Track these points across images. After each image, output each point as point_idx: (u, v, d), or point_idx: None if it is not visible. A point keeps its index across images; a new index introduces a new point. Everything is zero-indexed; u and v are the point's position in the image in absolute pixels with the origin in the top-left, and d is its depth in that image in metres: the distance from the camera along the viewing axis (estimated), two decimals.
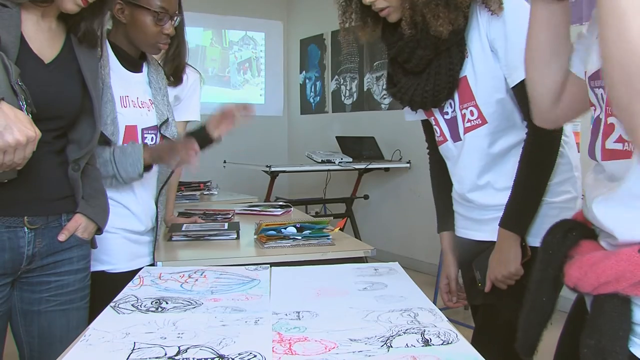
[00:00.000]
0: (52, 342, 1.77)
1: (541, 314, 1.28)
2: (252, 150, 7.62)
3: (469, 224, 1.98)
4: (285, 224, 2.50)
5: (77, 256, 1.81)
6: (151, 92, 2.25)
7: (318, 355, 1.20)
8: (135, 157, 2.03)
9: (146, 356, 1.20)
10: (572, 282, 1.15)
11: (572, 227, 1.25)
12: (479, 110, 1.81)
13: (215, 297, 1.62)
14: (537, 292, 1.27)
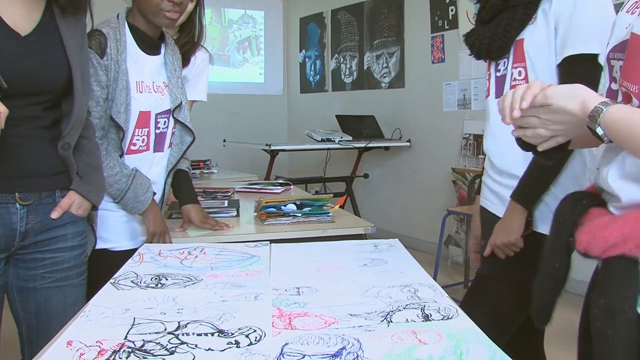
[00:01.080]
0: (49, 319, 1.77)
1: (555, 281, 1.32)
2: (251, 129, 7.61)
3: (492, 196, 2.01)
4: (285, 201, 2.49)
5: (71, 233, 1.80)
6: (166, 75, 2.24)
7: (318, 330, 1.20)
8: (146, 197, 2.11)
9: (146, 331, 1.20)
10: (582, 247, 1.20)
11: (582, 197, 1.30)
12: (526, 72, 1.86)
13: (215, 274, 1.62)
14: (550, 260, 1.32)
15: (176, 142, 2.30)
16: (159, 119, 2.19)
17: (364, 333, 1.18)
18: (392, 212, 6.48)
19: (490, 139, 1.99)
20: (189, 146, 2.33)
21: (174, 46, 2.32)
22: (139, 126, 2.12)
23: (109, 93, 2.01)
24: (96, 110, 1.99)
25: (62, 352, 1.11)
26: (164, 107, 2.20)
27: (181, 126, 2.29)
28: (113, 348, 1.12)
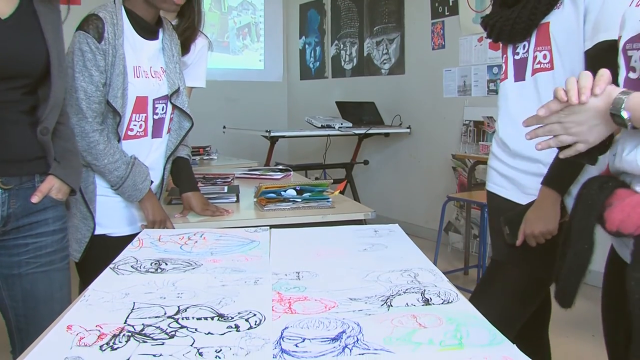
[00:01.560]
0: (36, 305, 1.78)
1: (583, 261, 1.35)
2: (251, 115, 7.59)
3: (504, 181, 2.01)
4: (285, 187, 2.49)
5: (52, 217, 1.81)
6: (164, 60, 2.23)
7: (318, 314, 1.20)
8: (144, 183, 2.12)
9: (146, 315, 1.20)
10: (614, 225, 1.26)
11: (607, 179, 1.33)
12: (552, 55, 1.85)
13: (214, 258, 1.61)
14: (579, 241, 1.34)
15: (174, 128, 2.30)
16: (157, 104, 2.18)
17: (364, 317, 1.18)
18: (392, 199, 6.48)
19: (507, 121, 1.97)
20: (188, 132, 2.33)
21: (172, 32, 2.31)
22: (136, 111, 2.12)
23: (107, 78, 2.01)
24: (96, 95, 1.99)
25: (61, 336, 1.11)
26: (161, 93, 2.19)
27: (179, 112, 2.29)
28: (113, 332, 1.12)
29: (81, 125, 1.99)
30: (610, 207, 1.28)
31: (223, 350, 1.03)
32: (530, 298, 1.97)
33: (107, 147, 2.02)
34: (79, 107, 1.98)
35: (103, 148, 2.01)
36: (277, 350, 1.03)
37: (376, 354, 1.02)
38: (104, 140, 2.01)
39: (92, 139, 2.00)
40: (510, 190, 1.97)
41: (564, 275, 1.39)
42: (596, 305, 1.45)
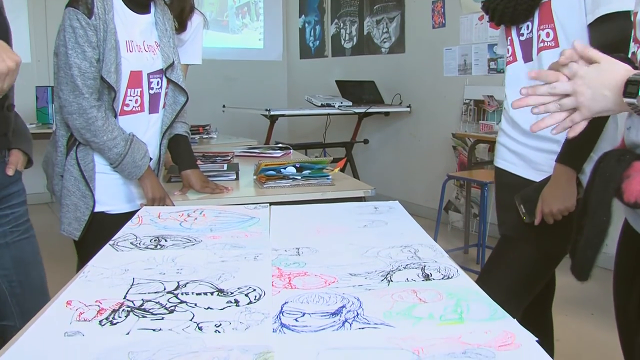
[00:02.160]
0: (27, 269, 1.87)
1: (600, 233, 1.35)
2: (251, 95, 7.57)
3: (514, 158, 2.00)
4: (284, 164, 2.48)
5: (20, 189, 1.92)
6: (157, 34, 2.22)
7: (318, 289, 1.19)
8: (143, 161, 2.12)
9: (145, 291, 1.20)
10: (633, 197, 1.26)
11: (624, 152, 1.33)
12: (555, 32, 1.84)
13: (214, 235, 1.61)
14: (597, 213, 1.34)
15: (169, 103, 2.29)
16: (152, 79, 2.17)
17: (364, 292, 1.18)
18: (392, 178, 6.47)
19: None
20: (183, 106, 2.32)
21: (164, 6, 2.29)
22: (131, 86, 2.11)
23: (99, 53, 2.00)
24: (90, 72, 1.98)
25: (61, 311, 1.10)
26: (155, 67, 2.18)
27: (174, 86, 2.28)
28: (112, 307, 1.12)
29: (78, 102, 1.98)
30: (628, 179, 1.27)
31: (223, 325, 1.03)
32: (540, 273, 1.97)
33: (105, 124, 2.01)
34: (75, 84, 1.97)
35: (102, 124, 2.00)
36: (277, 324, 1.03)
37: (376, 328, 1.02)
38: (102, 117, 2.00)
39: (90, 115, 1.98)
40: (520, 166, 1.97)
41: (581, 248, 1.39)
42: (596, 285, 1.45)
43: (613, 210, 1.34)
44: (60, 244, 2.32)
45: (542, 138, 1.88)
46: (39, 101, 5.59)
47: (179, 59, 2.30)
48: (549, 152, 1.87)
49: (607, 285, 1.64)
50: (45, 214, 6.13)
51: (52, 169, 2.12)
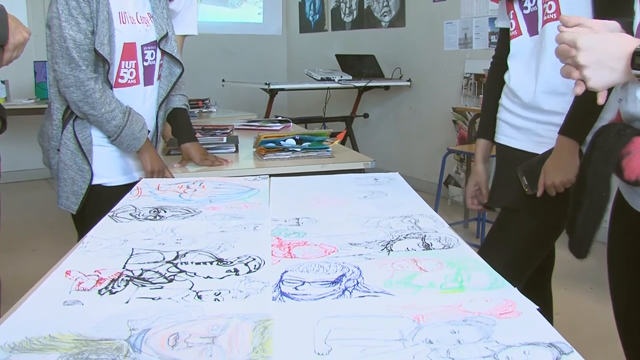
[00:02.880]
0: None
1: (599, 210, 1.33)
2: (250, 69, 7.54)
3: (514, 132, 1.99)
4: (284, 136, 2.47)
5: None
6: (150, 5, 2.20)
7: (318, 259, 1.19)
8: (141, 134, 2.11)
9: (144, 261, 1.20)
10: (634, 174, 1.23)
11: (624, 127, 1.30)
12: (558, 5, 1.81)
13: (213, 206, 1.60)
14: (596, 189, 1.32)
15: (165, 75, 2.27)
16: (146, 50, 2.16)
17: (364, 261, 1.18)
18: (392, 152, 6.46)
19: (523, 74, 1.94)
20: (179, 78, 2.30)
21: None
22: (124, 58, 2.09)
23: (93, 25, 1.98)
24: (85, 44, 1.96)
25: (60, 281, 1.10)
26: (149, 39, 2.17)
27: (169, 58, 2.26)
28: (111, 277, 1.12)
29: (75, 75, 1.96)
30: (628, 156, 1.25)
31: (222, 293, 1.03)
32: (542, 245, 1.97)
33: (103, 96, 1.99)
34: (71, 57, 1.95)
35: (99, 96, 1.98)
36: (276, 293, 1.03)
37: (376, 296, 1.01)
38: (100, 89, 1.99)
39: (88, 87, 1.97)
40: (522, 140, 1.95)
41: (580, 225, 1.37)
42: (594, 259, 1.45)
43: (612, 186, 1.33)
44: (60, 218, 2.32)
45: (544, 111, 1.86)
46: (37, 76, 5.57)
47: (173, 31, 2.28)
48: (551, 125, 1.85)
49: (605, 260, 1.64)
50: (45, 190, 6.14)
51: (48, 142, 2.11)
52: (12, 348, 0.85)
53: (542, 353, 0.82)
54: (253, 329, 0.90)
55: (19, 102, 5.42)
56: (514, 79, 1.97)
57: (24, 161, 6.19)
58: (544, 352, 0.82)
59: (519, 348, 0.83)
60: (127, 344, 0.86)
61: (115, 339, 0.87)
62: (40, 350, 0.84)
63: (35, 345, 0.86)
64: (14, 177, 6.30)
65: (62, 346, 0.85)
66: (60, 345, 0.86)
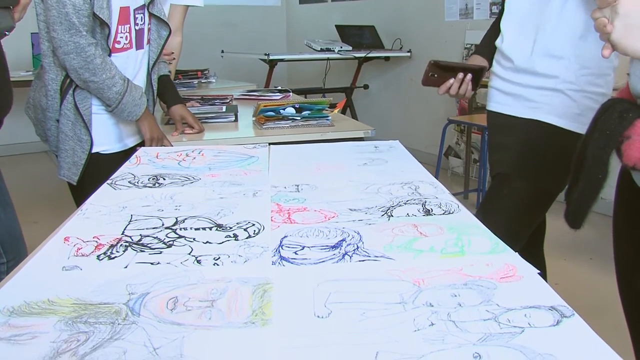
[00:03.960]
0: (5, 207, 1.94)
1: (595, 188, 1.32)
2: (250, 40, 7.49)
3: (508, 99, 1.98)
4: (284, 105, 2.46)
5: None
6: None
7: (317, 224, 1.18)
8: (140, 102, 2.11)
9: (143, 227, 1.19)
10: (632, 161, 1.22)
11: (627, 108, 1.27)
12: None
13: (213, 173, 1.60)
14: (593, 170, 1.31)
15: (154, 38, 2.28)
16: (137, 14, 2.16)
17: (364, 226, 1.17)
18: (392, 123, 6.44)
19: (513, 32, 1.92)
20: (166, 40, 2.31)
21: None
22: (121, 23, 2.09)
23: None
24: (84, 9, 1.94)
25: (59, 247, 1.10)
26: (139, 3, 2.16)
27: (156, 20, 2.27)
28: (110, 243, 1.11)
29: (75, 41, 1.94)
30: (628, 141, 1.23)
31: (221, 258, 1.03)
32: (537, 209, 1.97)
33: (103, 62, 1.98)
34: (71, 22, 1.93)
35: (100, 62, 1.97)
36: (276, 257, 1.02)
37: (376, 260, 1.01)
38: (100, 55, 1.98)
39: (89, 52, 1.95)
40: (514, 106, 1.94)
41: (575, 200, 1.37)
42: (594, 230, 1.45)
43: (610, 168, 1.32)
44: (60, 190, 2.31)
45: (538, 74, 1.85)
46: (34, 48, 5.53)
47: None
48: (543, 89, 1.84)
49: (605, 231, 1.64)
50: (44, 162, 6.13)
51: (43, 114, 2.09)
52: (11, 312, 0.84)
53: (543, 316, 0.81)
54: (252, 292, 0.89)
55: (16, 75, 5.39)
56: (508, 40, 1.94)
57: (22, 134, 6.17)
58: (545, 315, 0.82)
59: (520, 311, 0.83)
60: (125, 307, 0.86)
61: (113, 303, 0.87)
62: (39, 314, 0.84)
63: (34, 309, 0.86)
64: (13, 150, 6.30)
65: (60, 310, 0.85)
66: (59, 309, 0.85)
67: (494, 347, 0.74)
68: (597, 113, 1.32)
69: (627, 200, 1.51)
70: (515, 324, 0.79)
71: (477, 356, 0.72)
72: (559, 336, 0.76)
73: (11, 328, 0.80)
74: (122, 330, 0.79)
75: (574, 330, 0.78)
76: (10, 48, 1.86)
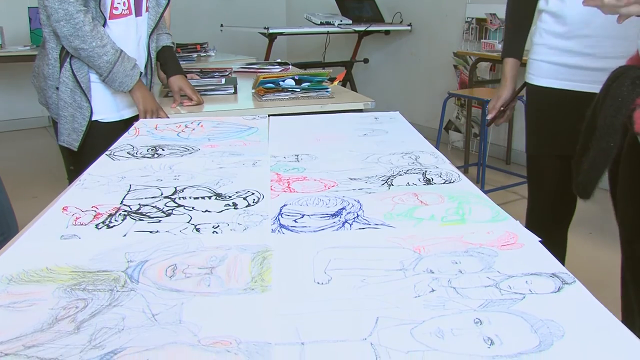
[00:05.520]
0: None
1: (606, 157, 1.31)
2: (249, 14, 7.44)
3: (562, 71, 1.90)
4: (283, 76, 2.44)
5: None
6: None
7: (317, 193, 1.18)
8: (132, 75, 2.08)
9: (142, 196, 1.19)
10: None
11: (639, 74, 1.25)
12: None
13: (212, 144, 1.59)
14: (604, 138, 1.30)
15: (152, 6, 2.27)
16: None
17: (365, 195, 1.16)
18: (392, 97, 6.42)
19: None
20: (166, 7, 2.30)
21: None
22: None
23: None
24: None
25: (57, 216, 1.09)
26: None
27: None
28: (109, 212, 1.11)
29: (64, 8, 1.93)
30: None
31: (220, 226, 1.02)
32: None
33: (93, 30, 1.97)
34: None
35: (89, 30, 1.96)
36: (275, 225, 1.02)
37: (377, 228, 1.00)
38: (89, 22, 1.96)
39: (78, 19, 1.94)
40: (572, 80, 1.87)
41: (586, 169, 1.36)
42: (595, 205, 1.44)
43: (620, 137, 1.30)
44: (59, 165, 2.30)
45: (600, 39, 1.78)
46: (32, 22, 5.49)
47: None
48: (606, 58, 1.77)
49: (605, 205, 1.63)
50: (44, 137, 6.11)
51: (45, 81, 2.09)
52: (10, 280, 0.84)
53: (544, 283, 0.81)
54: (252, 259, 0.89)
55: (14, 49, 5.37)
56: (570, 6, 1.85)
57: (21, 109, 6.16)
58: (546, 282, 0.81)
59: (521, 278, 0.82)
60: (124, 275, 0.85)
61: (112, 271, 0.87)
62: (37, 282, 0.84)
63: (32, 277, 0.85)
64: (12, 126, 6.28)
65: (59, 278, 0.85)
66: (57, 276, 0.85)
67: (495, 313, 0.74)
68: (608, 80, 1.30)
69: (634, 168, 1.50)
70: (517, 291, 0.79)
71: (478, 322, 0.72)
72: (560, 302, 0.76)
73: (9, 295, 0.80)
74: (120, 297, 0.79)
75: (576, 296, 0.78)
76: (9, 24, 1.83)
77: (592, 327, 0.71)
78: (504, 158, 5.10)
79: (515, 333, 0.69)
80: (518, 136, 4.95)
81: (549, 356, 0.65)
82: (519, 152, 4.96)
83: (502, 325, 0.71)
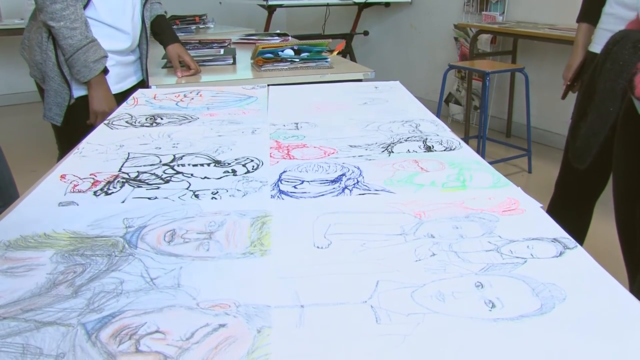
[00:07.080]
0: None
1: (605, 123, 1.28)
2: None
3: None
4: (282, 46, 2.42)
5: None
6: None
7: (317, 160, 1.17)
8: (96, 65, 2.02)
9: (141, 164, 1.18)
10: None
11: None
12: None
13: (211, 112, 1.58)
14: (604, 102, 1.28)
15: None
16: None
17: (365, 162, 1.16)
18: (392, 70, 6.38)
19: None
20: None
21: None
22: None
23: None
24: None
25: (55, 184, 1.09)
26: None
27: None
28: (107, 179, 1.10)
29: None
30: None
31: (219, 192, 1.01)
32: None
33: (65, 10, 1.91)
34: None
35: (60, 8, 1.90)
36: (275, 191, 1.01)
37: (377, 194, 1.00)
38: (62, 1, 1.92)
39: None
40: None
41: (584, 135, 1.34)
42: None
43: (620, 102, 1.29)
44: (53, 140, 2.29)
45: None
46: None
47: None
48: None
49: None
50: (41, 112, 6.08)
51: (32, 54, 2.05)
52: (7, 246, 0.83)
53: (546, 247, 0.80)
54: (251, 224, 0.88)
55: (10, 22, 5.33)
56: None
57: (19, 83, 6.13)
58: (547, 246, 0.81)
59: (523, 243, 0.82)
60: (122, 240, 0.85)
61: (110, 236, 0.86)
62: (35, 248, 0.83)
63: (30, 243, 0.85)
64: (10, 100, 6.25)
65: (57, 243, 0.84)
66: (55, 242, 0.85)
67: (496, 276, 0.73)
68: (609, 44, 1.28)
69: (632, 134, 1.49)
70: (518, 255, 0.78)
71: (479, 285, 0.71)
72: (562, 267, 0.76)
73: (7, 261, 0.79)
74: (119, 262, 0.78)
75: (577, 261, 0.77)
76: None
77: (593, 290, 0.70)
78: (504, 131, 5.08)
79: (517, 296, 0.69)
80: (518, 109, 4.93)
81: (551, 319, 0.65)
82: (519, 125, 4.94)
83: (503, 289, 0.70)
